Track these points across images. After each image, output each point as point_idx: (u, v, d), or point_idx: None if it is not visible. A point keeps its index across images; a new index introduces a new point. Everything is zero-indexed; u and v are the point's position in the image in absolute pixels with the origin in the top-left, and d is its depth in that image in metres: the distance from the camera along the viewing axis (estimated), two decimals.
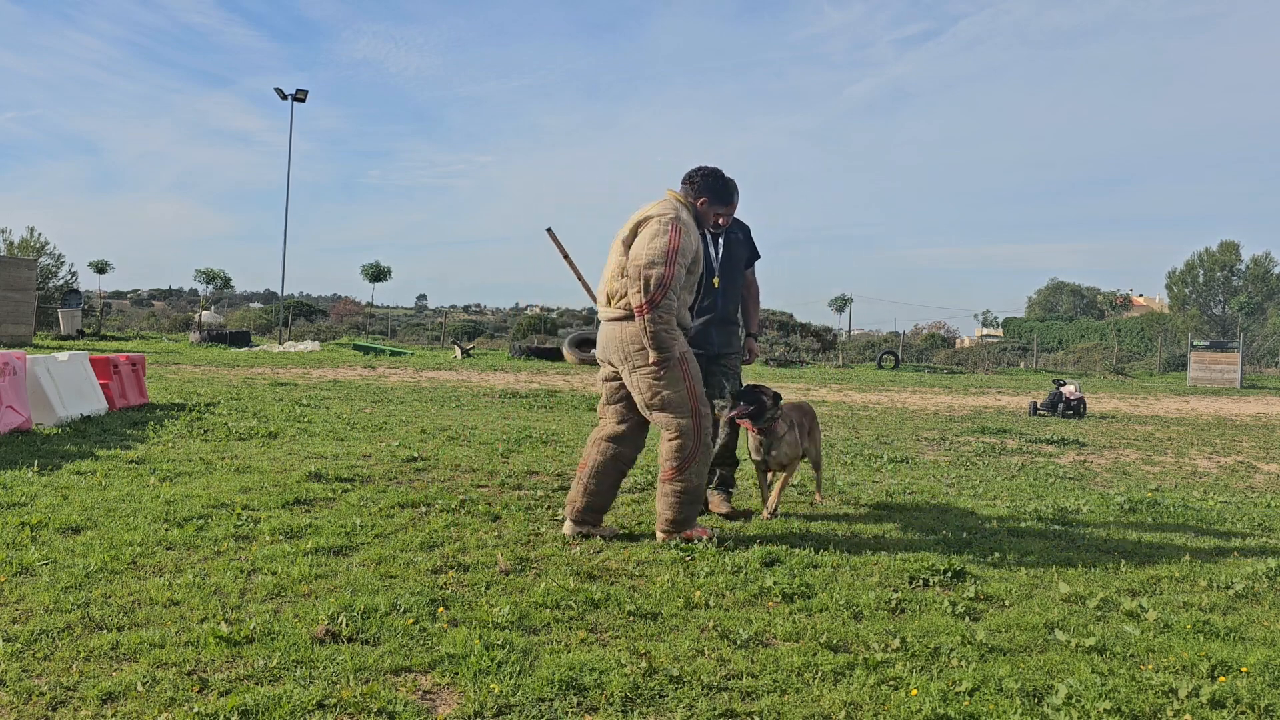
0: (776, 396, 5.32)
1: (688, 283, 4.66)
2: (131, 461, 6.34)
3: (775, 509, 5.37)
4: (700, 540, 4.53)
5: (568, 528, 4.69)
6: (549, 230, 5.60)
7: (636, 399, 4.65)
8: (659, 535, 4.64)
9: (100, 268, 57.12)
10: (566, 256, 5.56)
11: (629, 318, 4.56)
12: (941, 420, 13.02)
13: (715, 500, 5.43)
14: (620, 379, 4.75)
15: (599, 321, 4.92)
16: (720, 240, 5.44)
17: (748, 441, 5.45)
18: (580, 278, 5.56)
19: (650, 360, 4.51)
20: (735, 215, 5.33)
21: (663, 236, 4.44)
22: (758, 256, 5.65)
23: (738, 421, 5.30)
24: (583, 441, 8.50)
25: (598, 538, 4.62)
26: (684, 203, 4.78)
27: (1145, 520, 5.82)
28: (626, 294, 4.53)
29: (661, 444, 4.66)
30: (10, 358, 7.76)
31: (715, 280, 5.40)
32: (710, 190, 4.92)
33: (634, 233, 4.58)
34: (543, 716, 2.60)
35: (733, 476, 5.62)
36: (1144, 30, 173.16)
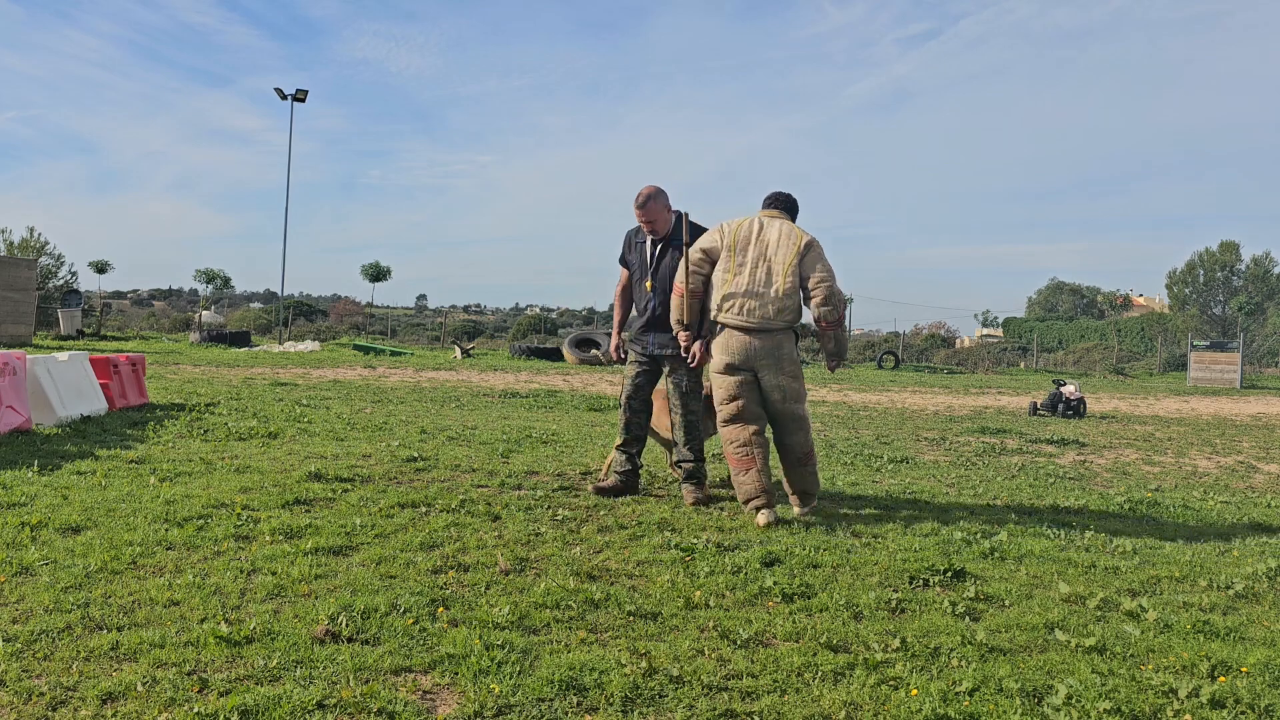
0: None
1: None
2: (131, 461, 6.34)
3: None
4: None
5: (763, 518, 5.10)
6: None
7: (777, 396, 5.34)
8: (800, 511, 5.36)
9: (100, 268, 57.00)
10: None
11: (785, 330, 5.32)
12: (941, 420, 13.02)
13: (686, 491, 5.69)
14: (751, 380, 5.36)
15: (722, 326, 5.36)
16: (658, 244, 5.73)
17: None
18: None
19: (832, 367, 5.72)
20: (694, 221, 5.67)
21: (826, 256, 5.34)
22: None
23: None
24: (583, 441, 8.50)
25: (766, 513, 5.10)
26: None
27: (1145, 520, 5.82)
28: (793, 310, 5.31)
29: (798, 434, 5.40)
30: (10, 358, 7.76)
31: (648, 284, 5.74)
32: (796, 211, 5.56)
33: (799, 255, 5.25)
34: (543, 716, 2.60)
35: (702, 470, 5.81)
36: (1146, 29, 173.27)
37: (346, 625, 3.18)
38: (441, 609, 3.42)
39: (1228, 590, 4.13)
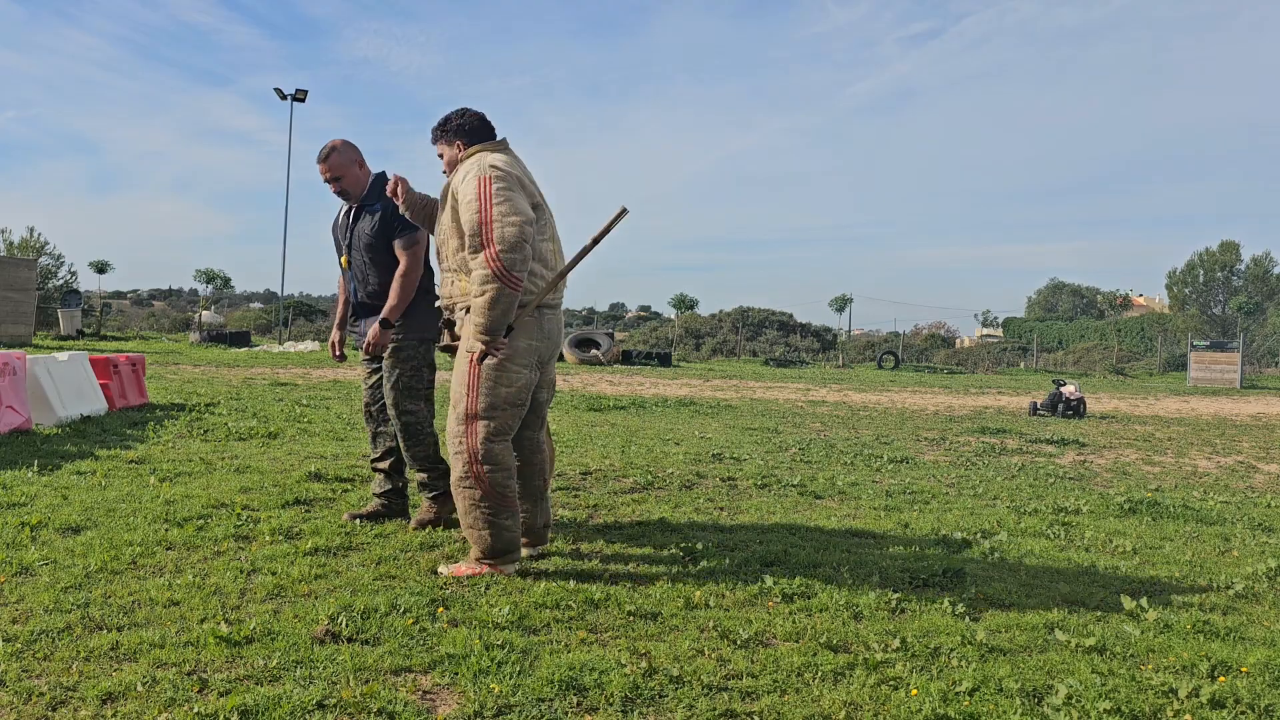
0: None
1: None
2: (131, 461, 6.34)
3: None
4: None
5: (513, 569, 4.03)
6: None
7: (546, 394, 4.30)
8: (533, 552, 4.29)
9: (100, 268, 56.87)
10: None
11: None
12: (941, 420, 13.02)
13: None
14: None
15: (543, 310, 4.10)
16: (352, 209, 4.86)
17: None
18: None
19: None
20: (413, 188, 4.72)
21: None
22: (407, 230, 4.71)
23: None
24: (583, 441, 8.50)
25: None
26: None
27: (1145, 520, 5.82)
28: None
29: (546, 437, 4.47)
30: (10, 358, 7.75)
31: (344, 259, 4.91)
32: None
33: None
34: (543, 716, 2.60)
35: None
36: (1148, 29, 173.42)
37: (346, 625, 3.18)
38: (441, 609, 3.42)
39: (1228, 590, 4.13)
